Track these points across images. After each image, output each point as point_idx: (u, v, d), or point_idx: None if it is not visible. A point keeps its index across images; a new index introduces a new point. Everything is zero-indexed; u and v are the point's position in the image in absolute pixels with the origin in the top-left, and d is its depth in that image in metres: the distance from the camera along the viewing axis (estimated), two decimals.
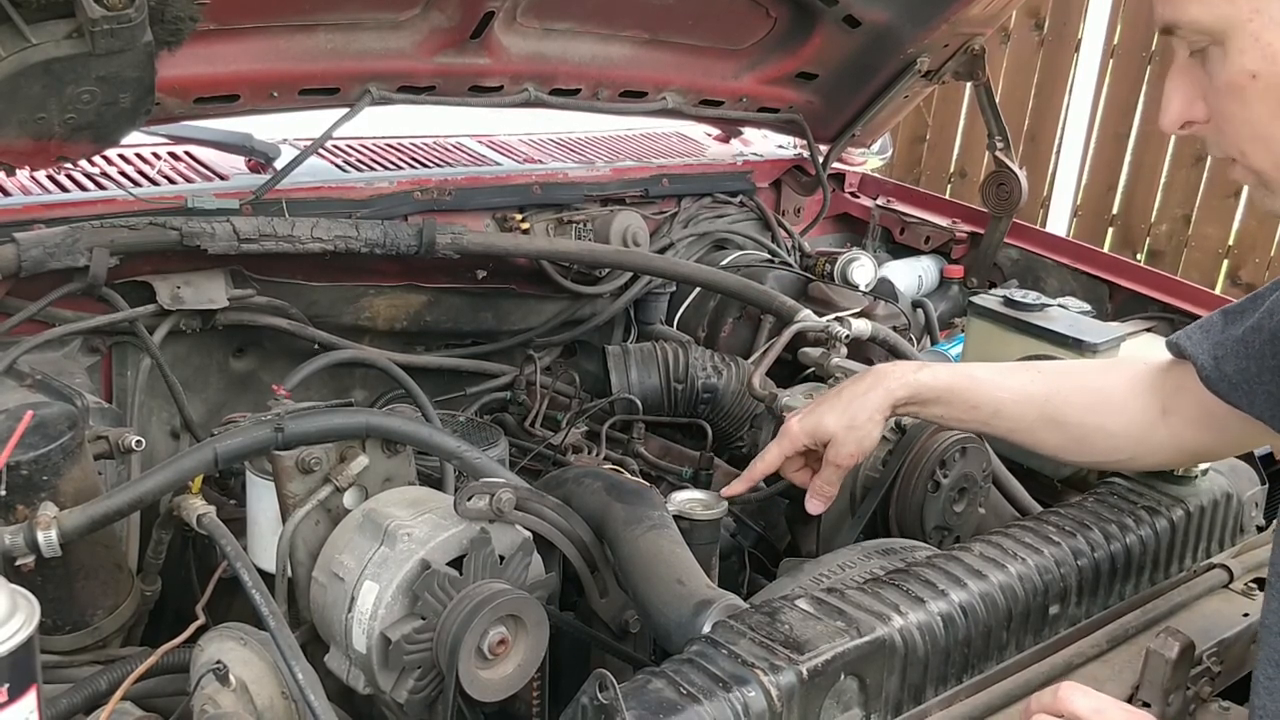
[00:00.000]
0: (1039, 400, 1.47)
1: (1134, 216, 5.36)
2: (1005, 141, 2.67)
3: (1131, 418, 1.45)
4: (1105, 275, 2.62)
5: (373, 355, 1.98)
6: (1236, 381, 1.32)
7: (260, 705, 1.20)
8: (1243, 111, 1.05)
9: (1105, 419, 1.46)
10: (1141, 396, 1.44)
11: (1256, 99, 1.03)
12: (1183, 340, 1.40)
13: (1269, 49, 1.01)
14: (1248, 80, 1.03)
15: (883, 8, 2.35)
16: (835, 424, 1.51)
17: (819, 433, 1.53)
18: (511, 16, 2.06)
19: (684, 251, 2.62)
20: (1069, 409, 1.47)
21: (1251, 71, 1.02)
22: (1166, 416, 1.42)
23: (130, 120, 1.65)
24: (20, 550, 1.21)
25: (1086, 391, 1.48)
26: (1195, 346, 1.37)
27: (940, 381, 1.49)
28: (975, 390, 1.49)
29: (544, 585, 1.35)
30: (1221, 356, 1.34)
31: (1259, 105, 1.04)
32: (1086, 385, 1.48)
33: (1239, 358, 1.32)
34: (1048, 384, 1.49)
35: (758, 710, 1.05)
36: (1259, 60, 1.02)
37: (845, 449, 1.51)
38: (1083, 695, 1.06)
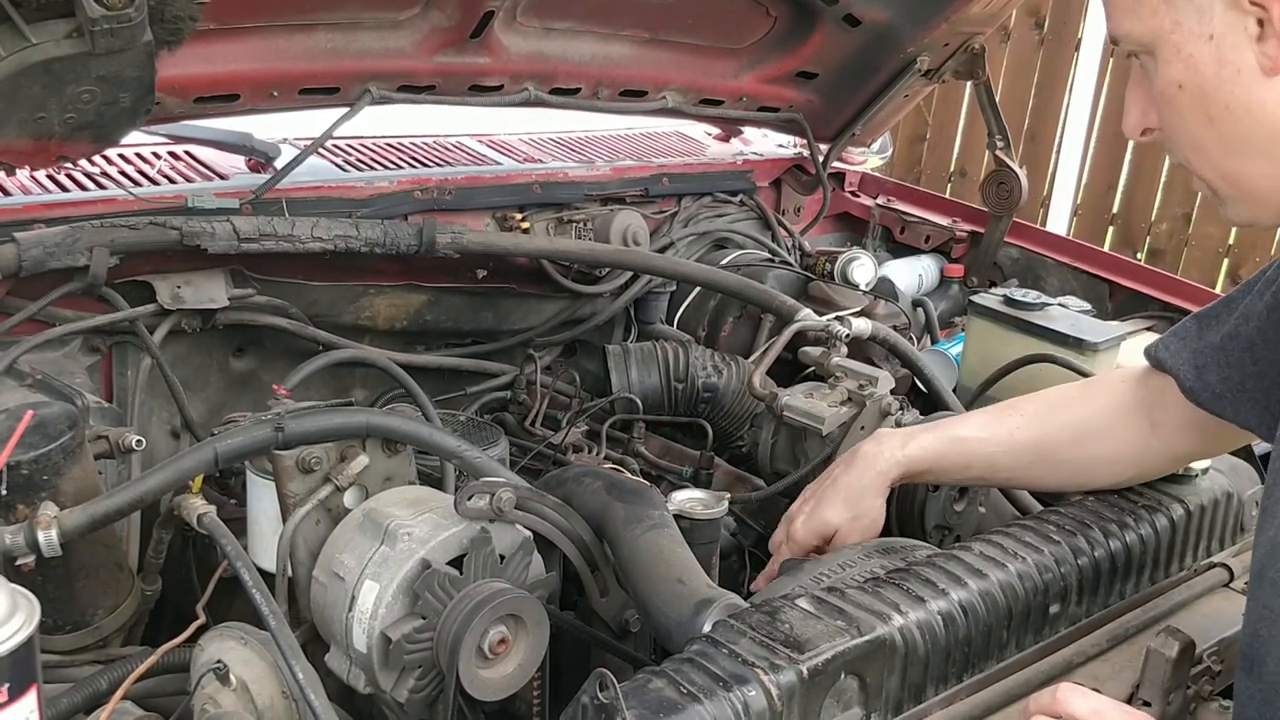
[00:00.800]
0: (1029, 446, 1.48)
1: (1134, 215, 5.36)
2: (1005, 141, 2.67)
3: (1123, 439, 1.46)
4: (1105, 274, 2.62)
5: (373, 355, 1.98)
6: (1220, 391, 1.33)
7: (261, 705, 1.20)
8: (1177, 120, 1.08)
9: (1098, 448, 1.47)
10: (1128, 416, 1.45)
11: (1186, 108, 1.06)
12: (1160, 352, 1.41)
13: (1190, 60, 1.03)
14: (1175, 90, 1.06)
15: (883, 7, 2.35)
16: (838, 519, 1.52)
17: (825, 531, 1.53)
18: (511, 16, 2.06)
19: (684, 251, 2.62)
20: (1061, 447, 1.48)
21: (1178, 82, 1.05)
22: (1156, 429, 1.43)
23: (130, 120, 1.65)
24: (20, 550, 1.21)
25: (1073, 425, 1.48)
26: (1174, 358, 1.38)
27: (929, 453, 1.50)
28: (964, 452, 1.50)
29: (544, 584, 1.35)
30: (1203, 366, 1.34)
31: (1189, 114, 1.06)
32: (1072, 419, 1.49)
33: (1221, 366, 1.33)
34: (1034, 427, 1.49)
35: (758, 709, 1.05)
36: (1183, 71, 1.04)
37: (852, 539, 1.52)
38: (1080, 696, 1.06)
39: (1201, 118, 1.05)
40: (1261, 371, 1.27)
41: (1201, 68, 1.03)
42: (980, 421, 1.54)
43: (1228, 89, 1.02)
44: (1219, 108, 1.04)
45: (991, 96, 2.66)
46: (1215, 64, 1.02)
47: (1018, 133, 5.32)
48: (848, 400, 1.84)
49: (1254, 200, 1.09)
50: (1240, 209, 1.11)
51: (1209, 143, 1.07)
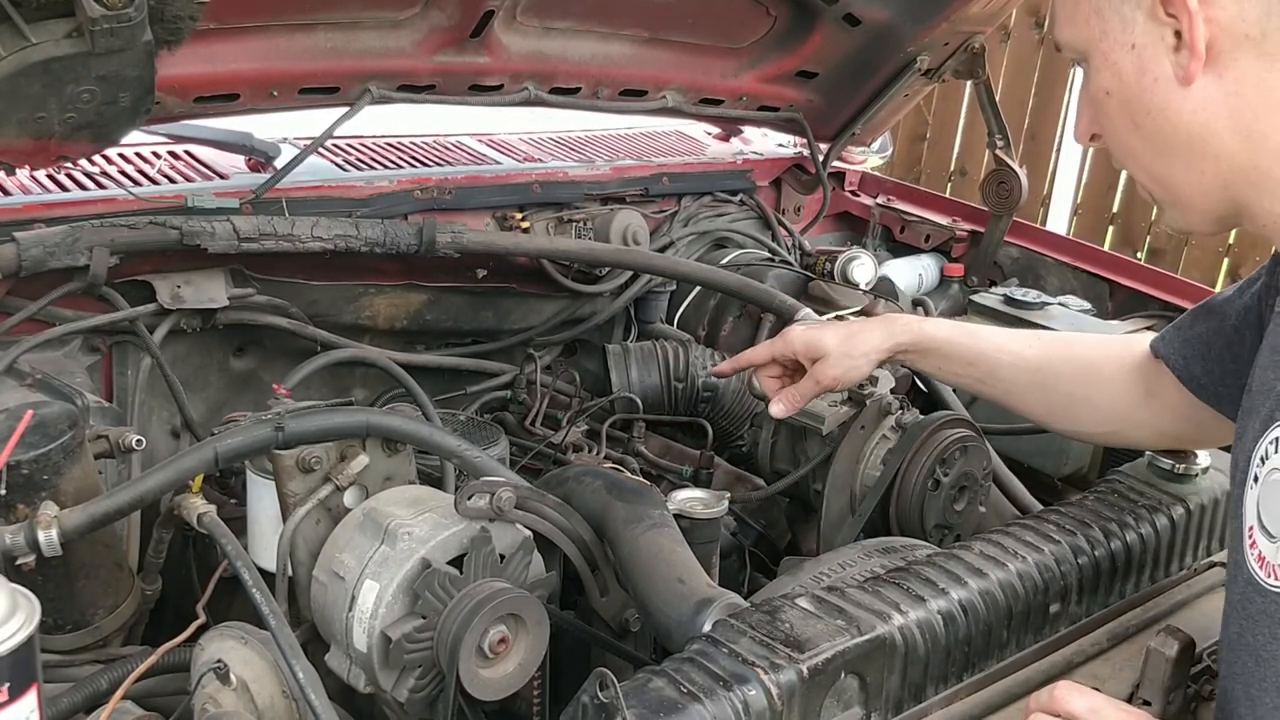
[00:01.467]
0: (1032, 366, 1.52)
1: (1134, 215, 5.36)
2: (1005, 140, 2.67)
3: (1117, 394, 1.49)
4: (1105, 274, 2.62)
5: (373, 354, 1.99)
6: (1205, 383, 1.36)
7: (261, 704, 1.20)
8: (1109, 125, 1.13)
9: (1092, 391, 1.50)
10: (1129, 376, 1.48)
11: (1114, 114, 1.11)
12: (1158, 343, 1.44)
13: (1115, 67, 1.08)
14: (1104, 97, 1.10)
15: (883, 6, 2.34)
16: (832, 344, 1.56)
17: (815, 346, 1.57)
18: (511, 15, 2.06)
19: (684, 250, 2.62)
20: (1059, 378, 1.51)
21: (1106, 89, 1.10)
22: (1149, 400, 1.46)
23: (130, 119, 1.65)
24: (21, 549, 1.21)
25: (1079, 363, 1.52)
26: (1168, 347, 1.41)
27: (942, 333, 1.55)
28: (974, 348, 1.54)
29: (544, 584, 1.35)
30: (1190, 357, 1.38)
31: (1117, 120, 1.11)
32: (1079, 356, 1.52)
33: (1204, 360, 1.36)
34: (1043, 351, 1.53)
35: (758, 709, 1.05)
36: (1110, 78, 1.09)
37: (832, 370, 1.56)
38: (1079, 695, 1.06)
39: (1128, 123, 1.10)
40: (1239, 370, 1.28)
41: (1125, 75, 1.07)
42: (1000, 331, 1.61)
43: (1148, 96, 1.07)
44: (1142, 113, 1.08)
45: (991, 96, 2.66)
46: (1137, 72, 1.06)
47: (1018, 132, 5.32)
48: (848, 399, 1.84)
49: (1183, 205, 1.13)
50: (1175, 214, 1.15)
51: (1137, 147, 1.11)
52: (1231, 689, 1.09)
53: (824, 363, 1.56)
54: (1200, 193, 1.10)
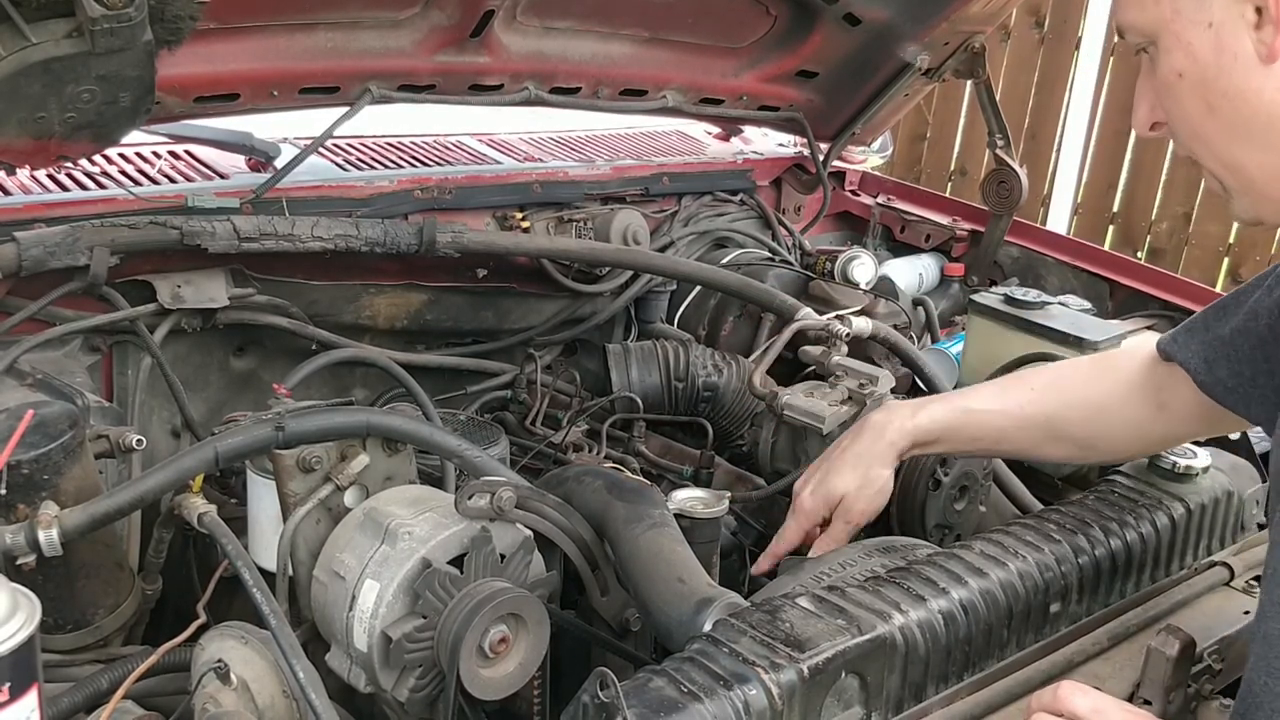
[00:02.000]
0: (1039, 421, 1.50)
1: (1134, 214, 5.36)
2: (1005, 139, 2.67)
3: (1130, 419, 1.47)
4: (1106, 273, 2.62)
5: (373, 354, 1.99)
6: (1231, 386, 1.34)
7: (261, 704, 1.20)
8: (1179, 110, 1.08)
9: (1106, 427, 1.48)
10: (1136, 396, 1.46)
11: (1186, 97, 1.06)
12: (1170, 346, 1.42)
13: (1189, 47, 1.04)
14: (1175, 79, 1.06)
15: (883, 6, 2.34)
16: (845, 486, 1.53)
17: (832, 499, 1.54)
18: (511, 15, 2.06)
19: (684, 250, 2.62)
20: (1071, 425, 1.49)
21: (1178, 70, 1.05)
22: (1162, 411, 1.45)
23: (130, 119, 1.65)
24: (21, 549, 1.21)
25: (1085, 404, 1.50)
26: (1184, 351, 1.39)
27: (938, 423, 1.51)
28: (974, 423, 1.51)
29: (545, 584, 1.35)
30: (1213, 360, 1.35)
31: (1189, 103, 1.06)
32: (1084, 398, 1.50)
33: (1231, 361, 1.33)
34: (1045, 402, 1.50)
35: (759, 708, 1.05)
36: (1183, 59, 1.05)
37: (859, 506, 1.53)
38: (1082, 695, 1.06)
39: (1201, 106, 1.06)
40: (1273, 369, 1.28)
41: (1200, 55, 1.03)
42: (990, 393, 1.55)
43: (1226, 76, 1.03)
44: (1218, 95, 1.04)
45: (992, 95, 2.66)
46: (1214, 51, 1.02)
47: (1018, 132, 5.32)
48: (848, 399, 1.84)
49: (1255, 193, 1.09)
50: (1244, 203, 1.11)
51: (1210, 132, 1.07)
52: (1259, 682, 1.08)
53: (846, 505, 1.53)
54: (1275, 177, 1.06)
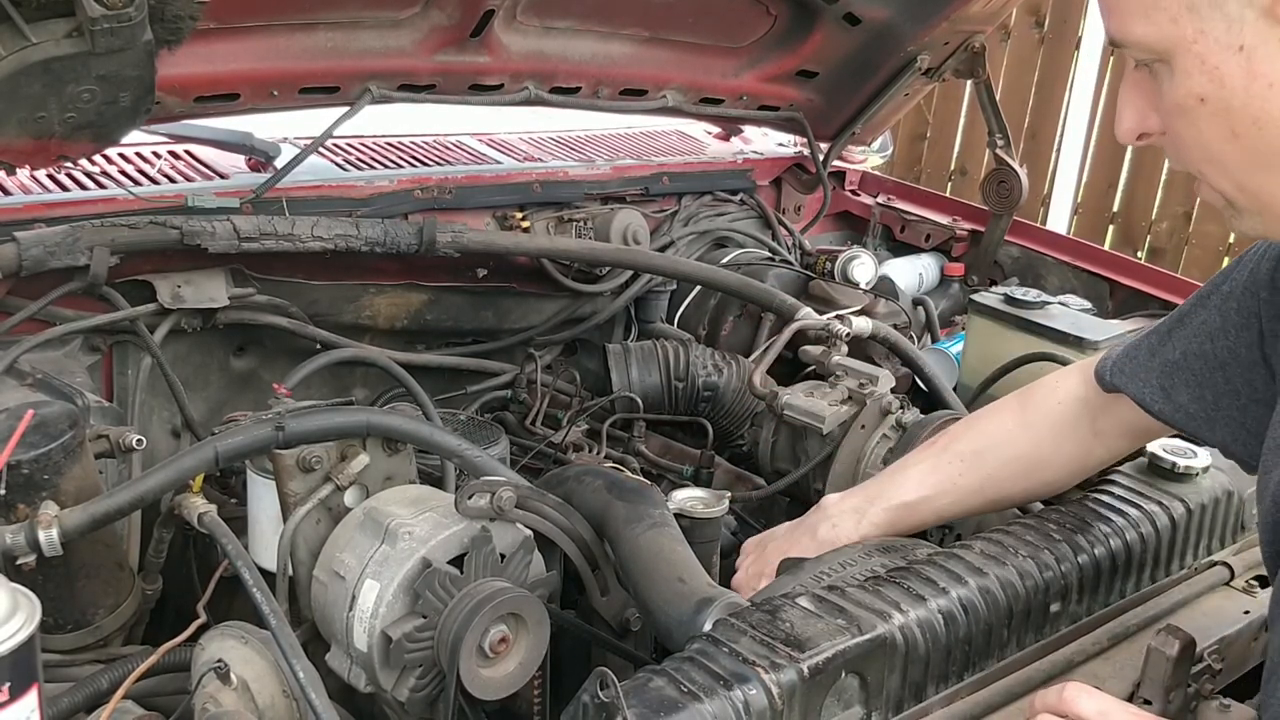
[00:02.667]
0: (974, 490, 1.50)
1: (1134, 214, 5.36)
2: (1006, 139, 2.67)
3: (1068, 457, 1.48)
4: (1106, 273, 2.62)
5: (373, 354, 1.98)
6: (1194, 411, 1.33)
7: (261, 704, 1.20)
8: (1193, 133, 1.01)
9: (1044, 476, 1.50)
10: (1070, 434, 1.47)
11: (1205, 122, 0.99)
12: (1118, 378, 1.39)
13: (1215, 72, 0.96)
14: (1196, 103, 0.98)
15: (883, 5, 2.34)
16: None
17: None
18: (511, 15, 2.06)
19: (684, 250, 2.62)
20: (1005, 485, 1.51)
21: (1199, 95, 0.97)
22: (1099, 437, 1.46)
23: (130, 119, 1.65)
24: (21, 549, 1.21)
25: (1016, 462, 1.50)
26: (1134, 382, 1.37)
27: (882, 528, 1.50)
28: (915, 515, 1.51)
29: (545, 583, 1.35)
30: (1170, 387, 1.34)
31: (1209, 128, 0.99)
32: (1013, 456, 1.50)
33: (1190, 386, 1.32)
34: (976, 471, 1.50)
35: (759, 708, 1.05)
36: (1206, 84, 0.97)
37: None
38: (1088, 696, 1.06)
39: (1224, 133, 0.98)
40: (1235, 390, 1.27)
41: (1229, 81, 0.95)
42: (923, 478, 1.51)
43: (1258, 103, 0.95)
44: (1246, 123, 0.97)
45: (992, 95, 2.66)
46: (1245, 77, 0.95)
47: (1018, 131, 5.32)
48: (848, 399, 1.84)
49: (1271, 214, 1.04)
50: (1255, 222, 1.06)
51: (1230, 158, 1.00)
52: None
53: None
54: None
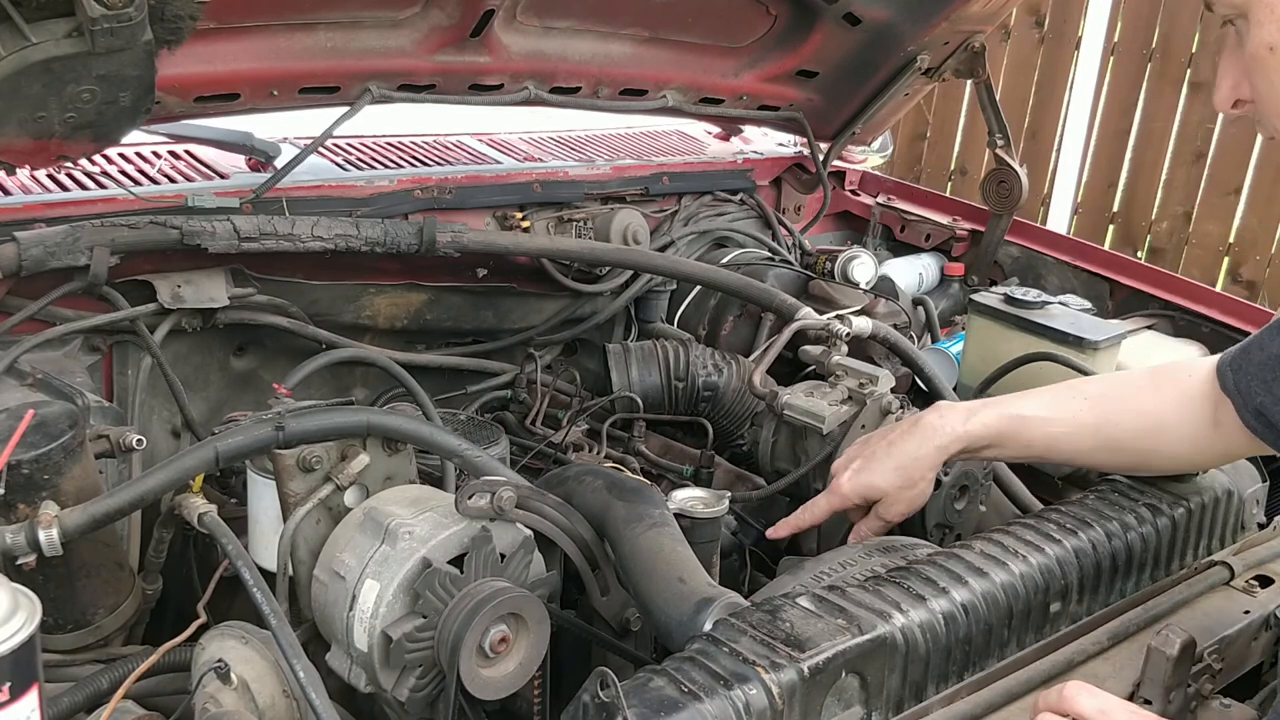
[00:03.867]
0: (1091, 429, 1.46)
1: (1135, 214, 5.37)
2: (1006, 139, 2.67)
3: (1186, 434, 1.44)
4: (1106, 273, 2.62)
5: (373, 354, 1.99)
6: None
7: (262, 704, 1.20)
8: (1266, 85, 1.04)
9: (1161, 441, 1.46)
10: (1194, 412, 1.42)
11: (1276, 71, 1.03)
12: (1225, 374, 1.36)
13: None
14: (1266, 53, 1.02)
15: (883, 5, 2.34)
16: (888, 484, 1.51)
17: (871, 493, 1.53)
18: (511, 15, 2.06)
19: (684, 249, 2.62)
20: (1124, 435, 1.46)
21: (1269, 44, 1.02)
22: (1218, 428, 1.41)
23: (130, 119, 1.65)
24: (21, 549, 1.21)
25: (1140, 415, 1.46)
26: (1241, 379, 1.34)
27: (990, 430, 1.48)
28: (1026, 431, 1.48)
29: (545, 583, 1.35)
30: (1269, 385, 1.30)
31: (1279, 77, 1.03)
32: (1139, 409, 1.46)
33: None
34: (1099, 412, 1.47)
35: (759, 708, 1.05)
36: (1275, 31, 1.01)
37: (898, 507, 1.52)
38: (1089, 695, 1.06)
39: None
40: None
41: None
42: (1044, 401, 1.51)
43: None
44: None
45: (992, 95, 2.66)
46: None
47: (1018, 131, 5.32)
48: (848, 399, 1.84)
49: None
50: None
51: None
52: None
53: (886, 503, 1.52)
54: None
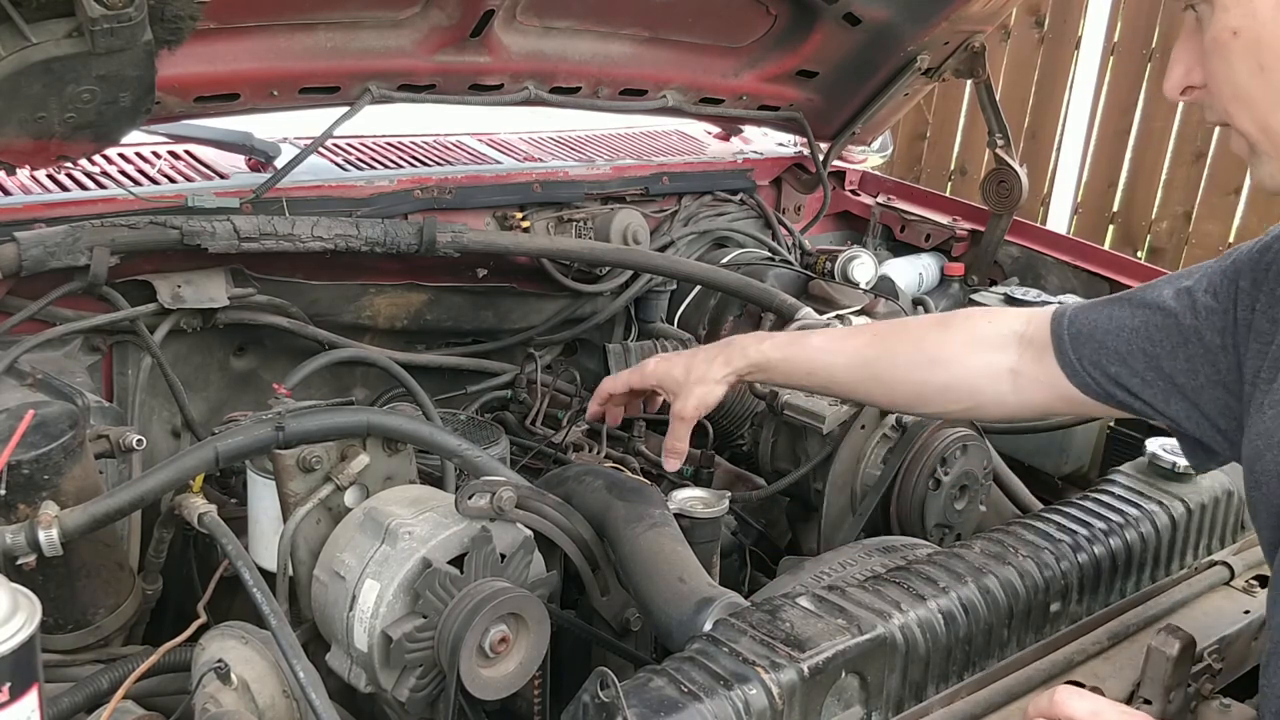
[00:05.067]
0: (869, 360, 1.52)
1: (1135, 214, 5.36)
2: (1006, 139, 2.67)
3: (967, 372, 1.46)
4: (1106, 272, 2.62)
5: (373, 354, 1.98)
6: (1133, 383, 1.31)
7: (262, 704, 1.21)
8: (1225, 70, 1.07)
9: (935, 375, 1.48)
10: (985, 353, 1.45)
11: (1237, 56, 1.05)
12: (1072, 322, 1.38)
13: (1249, 4, 1.03)
14: (1229, 37, 1.05)
15: (883, 5, 2.34)
16: (681, 376, 1.60)
17: (667, 379, 1.62)
18: (511, 15, 2.06)
19: (684, 249, 2.62)
20: (896, 368, 1.51)
21: (1233, 28, 1.04)
22: (1016, 377, 1.43)
23: (130, 119, 1.65)
24: (22, 549, 1.21)
25: (918, 351, 1.50)
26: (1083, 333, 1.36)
27: (779, 351, 1.57)
28: (810, 358, 1.55)
29: (545, 583, 1.35)
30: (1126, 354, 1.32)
31: (1239, 63, 1.05)
32: (918, 345, 1.51)
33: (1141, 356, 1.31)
34: (876, 346, 1.53)
35: (759, 708, 1.05)
36: (1240, 16, 1.04)
37: (689, 401, 1.59)
38: (1079, 698, 1.06)
39: (1253, 66, 1.05)
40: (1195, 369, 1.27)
41: (1261, 13, 1.03)
42: (832, 334, 1.66)
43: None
44: (1273, 56, 1.03)
45: (992, 95, 2.66)
46: (1274, 9, 1.02)
47: (1018, 131, 5.32)
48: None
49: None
50: (1275, 168, 1.09)
51: (1256, 93, 1.06)
52: None
53: (679, 398, 1.61)
54: None
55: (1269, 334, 1.19)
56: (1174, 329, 1.28)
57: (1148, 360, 1.30)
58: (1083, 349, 1.35)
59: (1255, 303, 1.21)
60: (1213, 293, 1.26)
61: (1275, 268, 1.21)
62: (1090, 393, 1.35)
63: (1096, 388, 1.34)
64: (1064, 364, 1.36)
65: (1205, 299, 1.27)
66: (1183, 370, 1.27)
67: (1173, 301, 1.30)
